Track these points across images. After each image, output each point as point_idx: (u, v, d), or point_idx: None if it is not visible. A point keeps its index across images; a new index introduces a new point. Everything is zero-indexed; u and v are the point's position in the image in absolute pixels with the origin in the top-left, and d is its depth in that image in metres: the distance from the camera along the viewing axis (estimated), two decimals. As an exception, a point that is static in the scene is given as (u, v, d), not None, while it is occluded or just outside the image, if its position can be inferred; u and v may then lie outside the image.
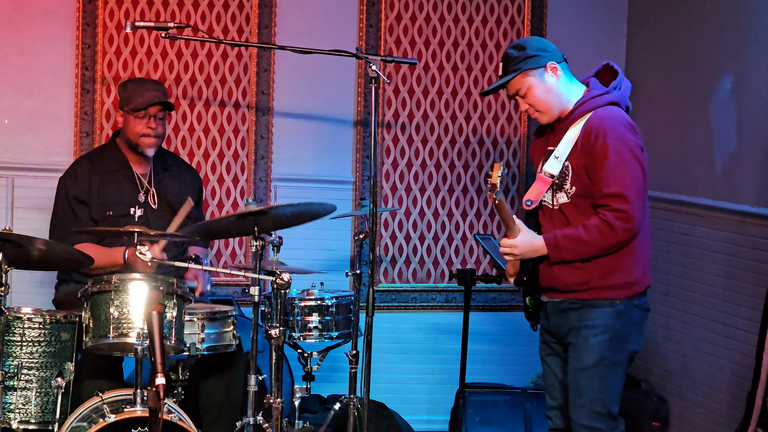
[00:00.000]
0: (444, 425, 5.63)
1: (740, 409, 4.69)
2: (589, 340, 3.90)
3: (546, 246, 3.89)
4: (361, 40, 5.61)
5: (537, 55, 3.92)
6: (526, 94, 3.97)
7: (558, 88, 3.94)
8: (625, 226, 3.79)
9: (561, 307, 3.98)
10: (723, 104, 5.10)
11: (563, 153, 3.91)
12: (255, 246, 4.25)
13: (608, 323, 3.89)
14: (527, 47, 3.94)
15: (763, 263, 4.75)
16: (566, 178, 3.91)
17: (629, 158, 3.81)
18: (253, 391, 4.25)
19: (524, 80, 3.95)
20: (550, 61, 3.93)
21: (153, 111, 4.65)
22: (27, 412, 4.16)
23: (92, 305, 4.12)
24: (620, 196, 3.78)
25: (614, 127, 3.83)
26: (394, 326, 5.75)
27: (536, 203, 3.98)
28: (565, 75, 3.96)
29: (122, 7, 5.40)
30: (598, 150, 3.81)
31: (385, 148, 5.72)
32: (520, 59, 3.93)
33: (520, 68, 3.93)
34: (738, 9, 5.01)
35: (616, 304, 3.89)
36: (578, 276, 3.90)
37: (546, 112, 3.98)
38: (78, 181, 4.70)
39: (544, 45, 3.98)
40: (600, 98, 3.92)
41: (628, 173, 3.80)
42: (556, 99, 3.95)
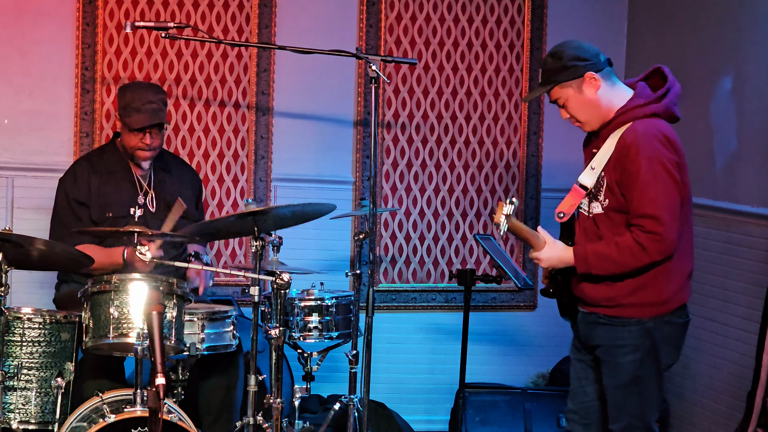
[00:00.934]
0: (444, 425, 5.64)
1: (740, 409, 4.69)
2: (618, 359, 3.84)
3: (575, 259, 3.82)
4: (361, 40, 5.61)
5: (573, 66, 3.79)
6: (566, 104, 3.86)
7: (597, 98, 3.81)
8: (659, 248, 3.68)
9: (589, 320, 3.93)
10: (723, 104, 5.10)
11: (599, 164, 3.81)
12: (255, 246, 4.25)
13: (637, 342, 3.81)
14: (564, 57, 3.81)
15: (763, 263, 4.75)
16: (600, 190, 3.82)
17: (663, 177, 3.68)
18: (253, 391, 4.25)
19: (561, 92, 3.84)
20: (588, 72, 3.79)
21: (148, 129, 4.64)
22: (27, 412, 4.16)
23: (92, 305, 4.12)
24: (654, 218, 3.66)
25: (648, 143, 3.69)
26: (394, 326, 5.74)
27: (568, 215, 3.89)
28: (606, 83, 3.82)
29: (122, 7, 5.40)
30: (630, 167, 3.69)
31: (385, 148, 5.72)
32: (555, 70, 3.82)
33: (556, 80, 3.82)
34: (738, 9, 5.02)
35: (645, 322, 3.80)
36: (606, 291, 3.82)
37: (586, 122, 3.87)
38: (77, 182, 4.70)
39: (582, 53, 3.82)
40: (640, 109, 3.77)
41: (662, 193, 3.67)
42: (595, 109, 3.82)
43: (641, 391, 3.86)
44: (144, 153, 4.67)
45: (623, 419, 3.89)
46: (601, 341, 3.89)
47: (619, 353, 3.84)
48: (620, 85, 3.88)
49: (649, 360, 3.84)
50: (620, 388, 3.87)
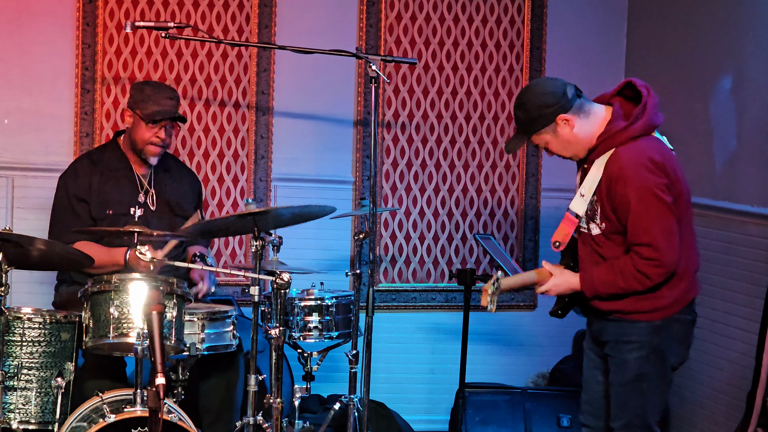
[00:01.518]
0: (444, 425, 5.64)
1: (740, 409, 4.69)
2: (625, 355, 3.87)
3: (582, 286, 3.89)
4: (361, 40, 5.61)
5: (542, 115, 3.81)
6: (547, 147, 3.91)
7: (575, 135, 3.83)
8: (659, 272, 3.74)
9: (600, 315, 3.96)
10: (723, 104, 5.10)
11: (588, 191, 3.85)
12: (255, 246, 4.25)
13: (645, 339, 3.84)
14: (530, 108, 3.82)
15: (763, 263, 4.75)
16: (596, 214, 3.86)
17: (654, 204, 3.72)
18: (253, 391, 4.25)
19: (539, 138, 3.88)
20: (558, 115, 3.80)
21: (165, 122, 4.64)
22: (27, 412, 4.16)
23: (92, 305, 4.12)
24: (650, 246, 3.72)
25: (635, 172, 3.72)
26: (394, 326, 5.75)
27: (564, 245, 3.95)
28: (580, 117, 3.82)
29: (122, 7, 5.40)
30: (620, 199, 3.75)
31: (385, 148, 5.72)
32: (527, 121, 3.85)
33: (529, 131, 3.86)
34: (738, 9, 5.01)
35: (653, 320, 3.85)
36: (612, 305, 3.88)
37: (572, 156, 3.92)
38: (78, 179, 4.70)
39: (546, 99, 3.81)
40: (621, 134, 3.79)
41: (654, 221, 3.72)
42: (577, 145, 3.86)
43: (644, 390, 3.87)
44: (155, 148, 4.66)
45: (624, 417, 3.90)
46: (609, 337, 3.93)
47: (625, 349, 3.87)
48: (594, 109, 3.86)
49: (655, 358, 3.86)
50: (624, 384, 3.89)
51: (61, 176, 4.76)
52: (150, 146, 4.66)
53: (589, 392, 4.10)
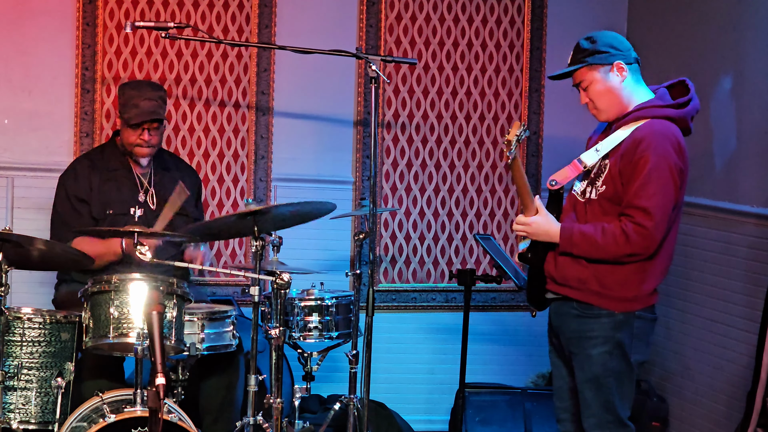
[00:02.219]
0: (444, 425, 5.64)
1: (740, 409, 4.69)
2: (588, 351, 3.86)
3: (561, 235, 3.84)
4: (361, 40, 5.61)
5: (606, 52, 3.85)
6: (588, 88, 3.90)
7: (621, 89, 3.86)
8: (643, 243, 3.73)
9: (561, 311, 3.96)
10: (723, 104, 5.10)
11: (604, 148, 3.85)
12: (255, 246, 4.25)
13: (608, 334, 3.84)
14: (598, 41, 3.87)
15: (763, 263, 4.75)
16: (601, 175, 3.85)
17: (666, 177, 3.73)
18: (253, 391, 4.25)
19: (588, 74, 3.88)
20: (618, 60, 3.85)
21: (146, 125, 4.64)
22: (27, 412, 4.16)
23: (92, 305, 4.12)
24: (646, 212, 3.71)
25: (661, 142, 3.74)
26: (394, 326, 5.75)
27: (560, 185, 3.92)
28: (632, 77, 3.88)
29: (122, 7, 5.40)
30: (637, 160, 3.74)
31: (385, 148, 5.72)
32: (588, 52, 3.87)
33: (587, 62, 3.87)
34: (738, 9, 5.02)
35: (615, 314, 3.84)
36: (577, 271, 3.85)
37: (604, 110, 3.91)
38: (78, 179, 4.71)
39: (616, 42, 3.89)
40: (659, 109, 3.83)
41: (660, 191, 3.72)
42: (616, 99, 3.87)
43: (610, 385, 3.86)
44: (142, 150, 4.68)
45: (594, 414, 3.89)
46: (572, 333, 3.92)
47: (588, 345, 3.86)
48: (643, 85, 3.93)
49: (618, 353, 3.85)
50: (590, 381, 3.88)
51: (61, 177, 4.77)
52: (137, 149, 4.68)
53: (564, 400, 4.07)
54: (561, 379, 4.07)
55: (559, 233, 3.85)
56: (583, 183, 3.93)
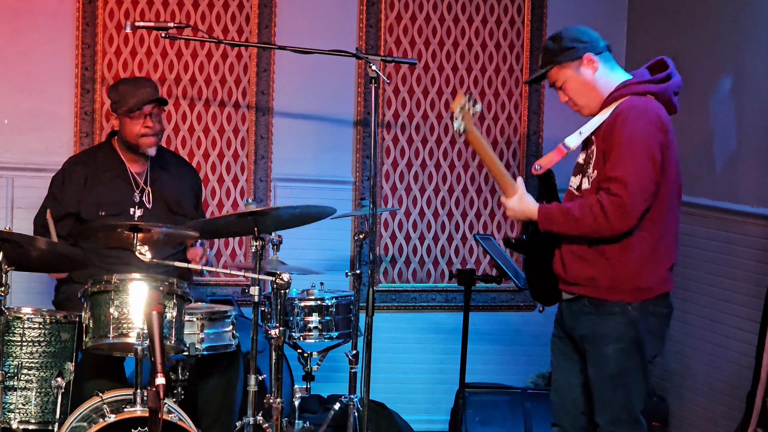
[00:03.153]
0: (444, 425, 5.64)
1: (740, 409, 4.69)
2: (603, 350, 3.83)
3: (539, 212, 3.84)
4: (361, 40, 5.61)
5: (572, 48, 3.84)
6: (563, 87, 3.90)
7: (595, 80, 3.85)
8: (619, 213, 3.68)
9: (573, 309, 3.92)
10: (723, 104, 5.10)
11: (587, 130, 3.83)
12: (255, 246, 4.25)
13: (621, 331, 3.81)
14: (564, 38, 3.86)
15: (763, 263, 4.75)
16: (590, 163, 3.84)
17: (642, 151, 3.69)
18: (253, 391, 4.25)
19: (560, 72, 3.88)
20: (586, 53, 3.84)
21: (148, 109, 4.64)
22: (27, 412, 4.16)
23: (92, 305, 4.12)
24: (620, 182, 3.66)
25: (639, 116, 3.71)
26: (394, 326, 5.75)
27: (544, 169, 3.91)
28: (605, 65, 3.86)
29: (122, 7, 5.40)
30: (615, 134, 3.71)
31: (385, 148, 5.72)
32: (555, 51, 3.86)
33: (556, 61, 3.86)
34: (738, 9, 5.02)
35: (629, 312, 3.80)
36: (586, 270, 3.82)
37: (584, 105, 3.90)
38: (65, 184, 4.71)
39: (581, 35, 3.88)
40: (637, 86, 3.81)
41: (635, 162, 3.67)
42: (593, 91, 3.86)
43: (627, 383, 3.85)
44: (149, 139, 4.66)
45: (609, 412, 3.87)
46: (585, 332, 3.89)
47: (602, 343, 3.84)
48: (619, 69, 3.91)
49: (633, 350, 3.83)
50: (605, 379, 3.86)
51: (54, 177, 4.78)
52: (143, 138, 4.66)
53: (560, 395, 4.06)
54: (561, 373, 4.05)
55: (536, 211, 3.85)
56: (578, 177, 3.92)
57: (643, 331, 3.83)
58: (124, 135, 4.69)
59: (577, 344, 3.98)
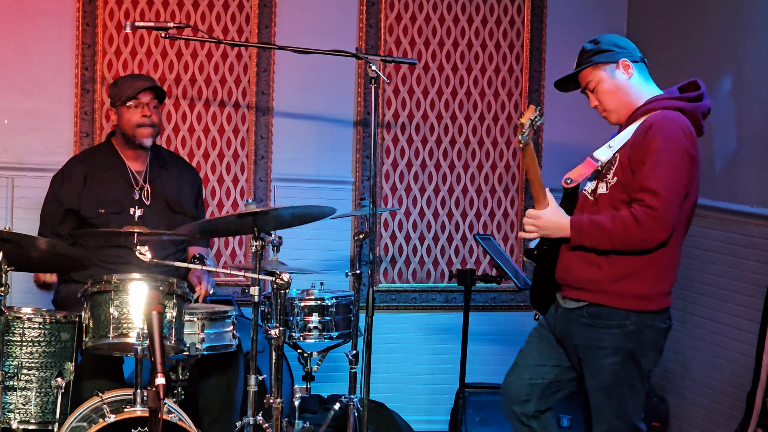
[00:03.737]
0: (444, 425, 5.64)
1: (740, 409, 4.69)
2: (600, 361, 3.82)
3: (571, 227, 3.78)
4: (361, 40, 5.61)
5: (611, 50, 3.84)
6: (595, 89, 3.87)
7: (628, 86, 3.85)
8: (653, 225, 3.64)
9: (570, 317, 3.90)
10: (723, 104, 5.10)
11: (618, 143, 3.81)
12: (255, 246, 4.25)
13: (619, 344, 3.79)
14: (602, 41, 3.87)
15: (763, 263, 4.75)
16: (611, 169, 3.80)
17: (676, 161, 3.67)
18: (253, 391, 4.25)
19: (594, 73, 3.86)
20: (623, 58, 3.84)
21: (145, 99, 4.65)
22: (27, 412, 4.16)
23: (92, 305, 4.12)
24: (656, 194, 3.64)
25: (671, 127, 3.70)
26: (394, 326, 5.75)
27: (576, 183, 3.87)
28: (639, 75, 3.87)
29: (122, 7, 5.40)
30: (647, 144, 3.68)
31: (385, 148, 5.72)
32: (593, 52, 3.86)
33: (592, 61, 3.85)
34: (738, 9, 5.02)
35: (625, 324, 3.78)
36: (591, 273, 3.79)
37: (613, 110, 3.88)
38: (65, 184, 4.70)
39: (621, 42, 3.89)
40: (668, 101, 3.80)
41: (669, 175, 3.66)
42: (624, 97, 3.85)
43: (622, 393, 3.83)
44: (145, 129, 4.66)
45: (606, 421, 3.87)
46: (580, 342, 3.88)
47: (599, 355, 3.82)
48: (652, 83, 3.91)
49: (629, 363, 3.81)
50: (602, 390, 3.85)
51: (54, 177, 4.77)
52: (139, 129, 4.66)
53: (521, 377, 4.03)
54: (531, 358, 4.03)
55: (569, 225, 3.79)
56: (594, 181, 3.89)
57: (639, 344, 3.81)
58: (122, 126, 4.69)
59: (565, 348, 3.97)
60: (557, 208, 3.85)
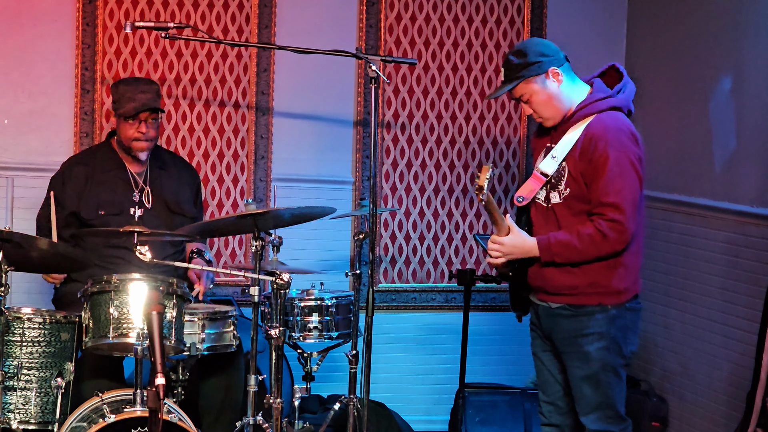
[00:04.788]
0: (444, 425, 5.63)
1: (740, 409, 4.69)
2: (585, 348, 3.90)
3: (539, 248, 3.89)
4: (361, 40, 5.61)
5: (538, 62, 3.90)
6: (529, 100, 3.96)
7: (560, 93, 3.93)
8: (619, 238, 3.80)
9: (552, 312, 3.99)
10: (722, 104, 5.10)
11: (560, 154, 3.91)
12: (255, 246, 4.25)
13: (603, 330, 3.89)
14: (529, 53, 3.91)
15: (763, 263, 4.75)
16: (561, 179, 3.91)
17: (629, 170, 3.80)
18: (253, 391, 4.25)
19: (526, 87, 3.94)
20: (551, 67, 3.90)
21: (144, 115, 4.65)
22: (27, 412, 4.16)
23: (92, 305, 4.12)
24: (617, 207, 3.78)
25: (616, 137, 3.82)
26: (394, 326, 5.75)
27: (528, 200, 3.99)
28: (567, 77, 3.94)
29: (122, 7, 5.40)
30: (597, 158, 3.80)
31: (385, 148, 5.72)
32: (521, 66, 3.91)
33: (522, 76, 3.91)
34: (737, 9, 5.01)
35: (608, 309, 3.89)
36: (568, 280, 3.90)
37: (550, 117, 3.98)
38: (65, 185, 4.69)
39: (544, 49, 3.94)
40: (602, 102, 3.90)
41: (626, 185, 3.80)
42: (558, 104, 3.94)
43: (609, 380, 3.91)
44: (141, 144, 4.67)
45: (595, 410, 3.93)
46: (566, 333, 3.95)
47: (585, 342, 3.90)
48: (578, 81, 3.99)
49: (614, 348, 3.90)
50: (589, 378, 3.92)
51: (52, 178, 4.77)
52: (135, 143, 4.67)
53: (549, 393, 4.11)
54: (547, 372, 4.11)
55: (536, 247, 3.90)
56: (544, 189, 3.98)
57: (622, 327, 3.91)
58: (119, 135, 4.72)
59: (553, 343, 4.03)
60: (518, 232, 3.94)
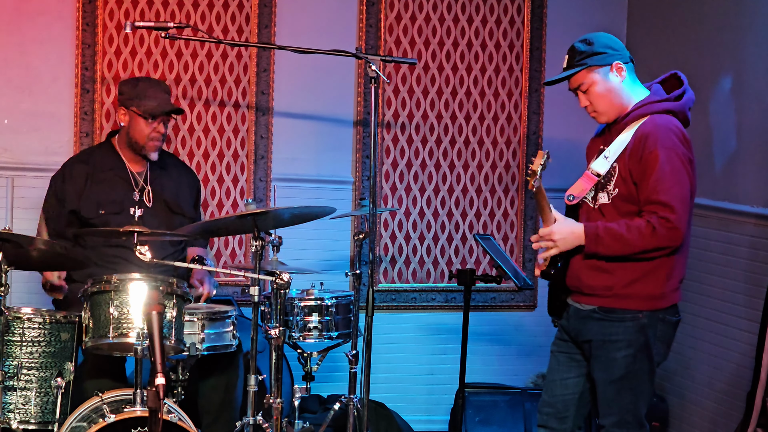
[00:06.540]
0: (444, 425, 5.64)
1: (740, 409, 4.69)
2: (613, 354, 3.85)
3: (585, 235, 3.81)
4: (360, 40, 5.61)
5: (604, 53, 3.85)
6: (588, 90, 3.89)
7: (620, 88, 3.87)
8: (668, 234, 3.71)
9: (582, 314, 3.93)
10: (722, 104, 5.10)
11: (613, 154, 3.85)
12: (255, 246, 4.25)
13: (632, 337, 3.83)
14: (595, 43, 3.87)
15: (763, 263, 4.75)
16: (611, 179, 3.85)
17: (679, 168, 3.74)
18: (253, 391, 4.25)
19: (588, 76, 3.88)
20: (616, 60, 3.86)
21: (163, 116, 4.65)
22: (27, 412, 4.16)
23: (92, 305, 4.12)
24: (667, 206, 3.71)
25: (667, 136, 3.76)
26: (394, 326, 5.75)
27: (578, 199, 3.92)
28: (629, 76, 3.89)
29: (122, 7, 5.40)
30: (647, 157, 3.75)
31: (385, 148, 5.72)
32: (586, 54, 3.86)
33: (586, 63, 3.86)
34: (737, 9, 5.02)
35: (639, 318, 3.83)
36: (604, 280, 3.84)
37: (604, 112, 3.91)
38: (66, 183, 4.69)
39: (612, 42, 3.90)
40: (657, 104, 3.84)
41: (676, 184, 3.73)
42: (616, 99, 3.88)
43: (633, 387, 3.87)
44: (155, 143, 4.67)
45: (615, 414, 3.90)
46: (594, 336, 3.90)
47: (612, 348, 3.86)
48: (639, 84, 3.95)
49: (642, 356, 3.85)
50: (613, 383, 3.88)
51: (53, 177, 4.77)
52: (150, 142, 4.66)
53: (553, 395, 4.07)
54: (557, 372, 4.07)
55: (583, 232, 3.82)
56: (593, 189, 3.92)
57: (652, 337, 3.85)
58: (131, 133, 4.68)
59: (581, 349, 3.99)
60: (566, 220, 3.88)
